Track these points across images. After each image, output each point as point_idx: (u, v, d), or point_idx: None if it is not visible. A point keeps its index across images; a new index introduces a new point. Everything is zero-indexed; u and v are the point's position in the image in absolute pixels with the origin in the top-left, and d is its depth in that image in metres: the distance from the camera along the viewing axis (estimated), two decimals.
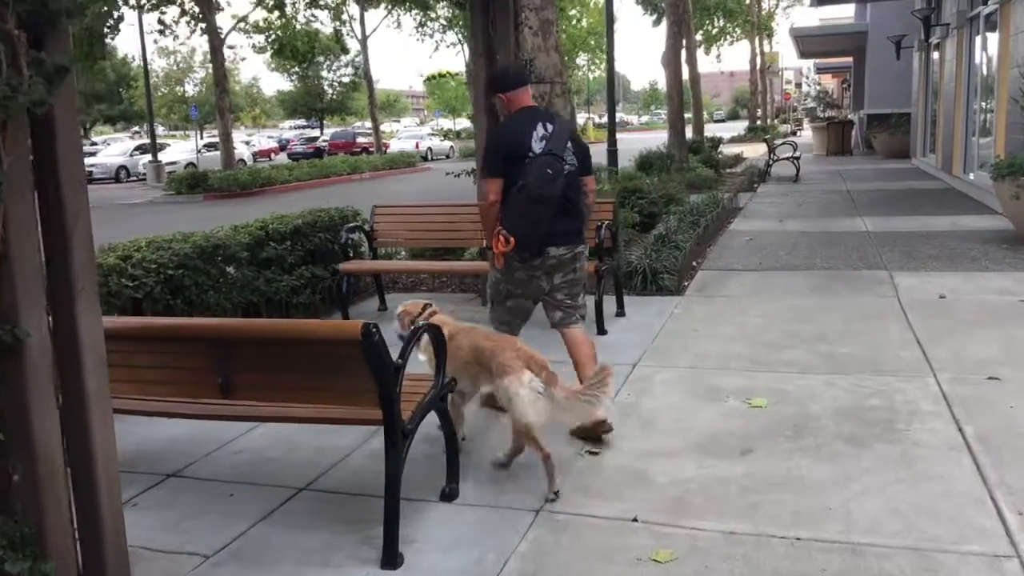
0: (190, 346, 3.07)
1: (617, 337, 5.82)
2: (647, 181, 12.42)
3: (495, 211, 3.91)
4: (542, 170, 3.81)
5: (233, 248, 5.88)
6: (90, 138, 52.02)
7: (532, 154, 3.86)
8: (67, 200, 2.60)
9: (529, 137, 3.89)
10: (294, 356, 2.96)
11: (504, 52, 6.52)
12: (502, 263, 3.98)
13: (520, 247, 3.87)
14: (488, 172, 3.99)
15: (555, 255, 4.04)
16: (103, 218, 18.58)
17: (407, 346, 3.10)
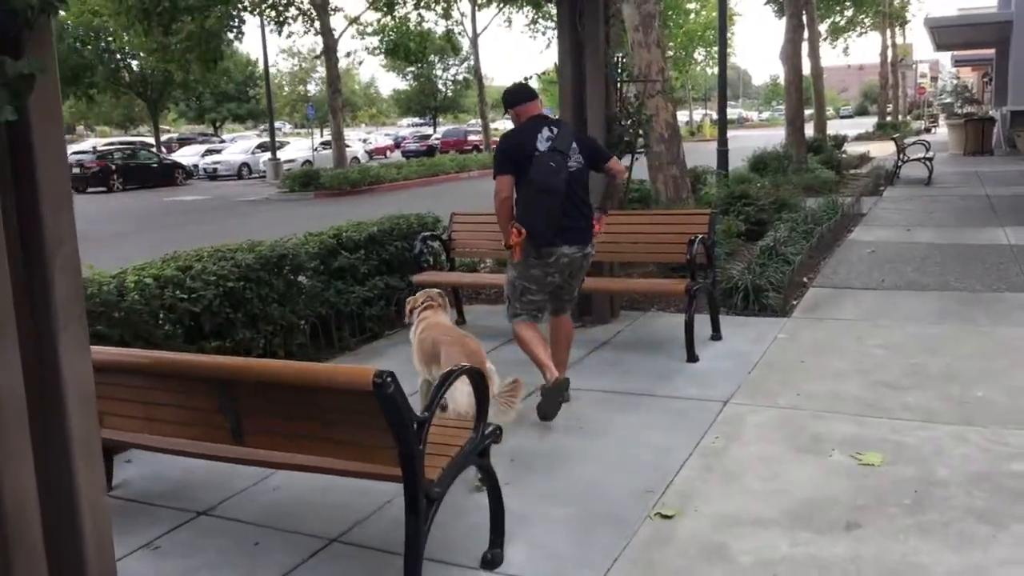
0: (196, 385, 2.73)
1: (709, 366, 5.20)
2: (758, 185, 11.57)
3: (507, 207, 4.24)
4: (546, 164, 4.15)
5: (301, 258, 5.61)
6: (220, 136, 54.52)
7: (537, 152, 4.18)
8: (47, 222, 2.29)
9: (534, 138, 4.23)
10: (300, 403, 2.57)
11: (592, 48, 6.01)
12: (519, 254, 4.27)
13: (532, 237, 4.18)
14: (497, 171, 4.28)
15: (568, 254, 4.32)
16: (217, 215, 19.19)
17: (436, 395, 2.65)
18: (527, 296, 4.44)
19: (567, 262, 4.35)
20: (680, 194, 9.07)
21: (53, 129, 2.30)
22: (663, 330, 6.15)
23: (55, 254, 2.33)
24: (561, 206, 4.18)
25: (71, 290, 2.37)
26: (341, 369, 2.41)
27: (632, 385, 4.89)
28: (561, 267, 4.36)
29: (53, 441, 2.38)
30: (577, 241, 4.34)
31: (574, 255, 4.36)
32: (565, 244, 4.28)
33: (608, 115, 6.19)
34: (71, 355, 2.37)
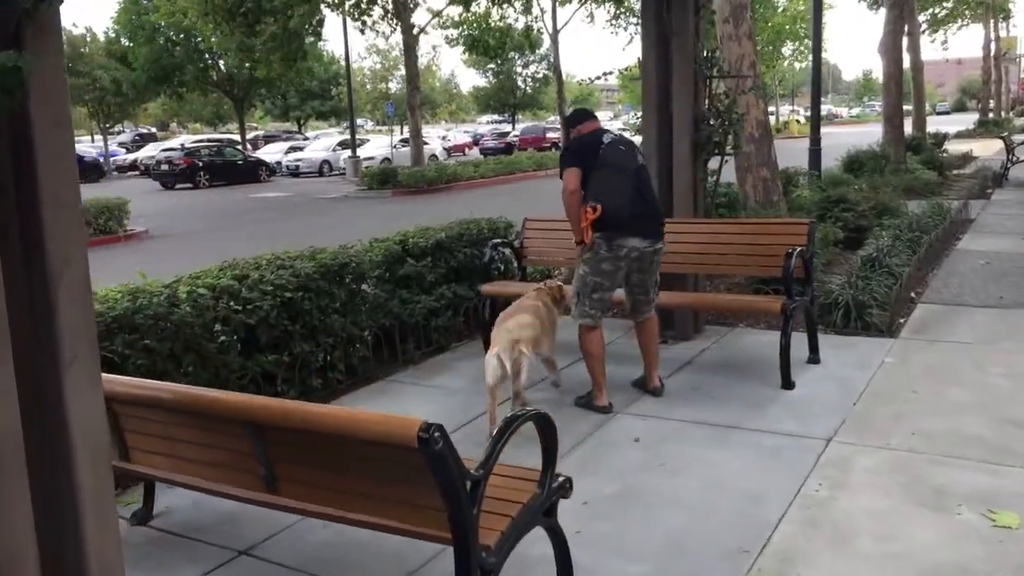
0: (225, 426, 2.40)
1: (807, 393, 4.67)
2: (855, 187, 10.79)
3: (576, 201, 4.28)
4: (616, 148, 4.32)
5: (364, 266, 5.31)
6: (303, 133, 55.55)
7: (604, 144, 4.32)
8: (49, 239, 1.99)
9: (599, 137, 4.39)
10: (338, 453, 2.22)
11: (680, 41, 5.52)
12: (590, 237, 4.27)
13: (606, 216, 4.19)
14: (565, 165, 4.34)
15: (638, 247, 4.36)
16: (296, 213, 19.29)
17: (494, 448, 2.26)
18: (598, 293, 4.45)
19: (637, 256, 4.39)
20: (770, 197, 8.46)
21: (60, 135, 2.00)
22: (752, 349, 5.61)
23: (60, 276, 2.03)
24: (633, 191, 4.27)
25: (80, 317, 2.07)
26: (383, 419, 2.04)
27: (719, 415, 4.40)
28: (632, 261, 4.40)
29: (58, 494, 2.09)
30: (649, 235, 4.38)
31: (644, 249, 4.39)
32: (636, 236, 4.33)
33: (696, 113, 5.68)
34: (79, 393, 2.07)
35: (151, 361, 3.99)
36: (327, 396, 5.00)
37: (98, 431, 2.13)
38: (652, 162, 5.76)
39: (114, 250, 14.19)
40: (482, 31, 28.13)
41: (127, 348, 3.88)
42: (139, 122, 59.93)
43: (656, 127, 5.70)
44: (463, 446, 4.19)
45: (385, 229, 6.28)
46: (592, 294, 4.46)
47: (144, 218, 17.14)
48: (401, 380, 5.34)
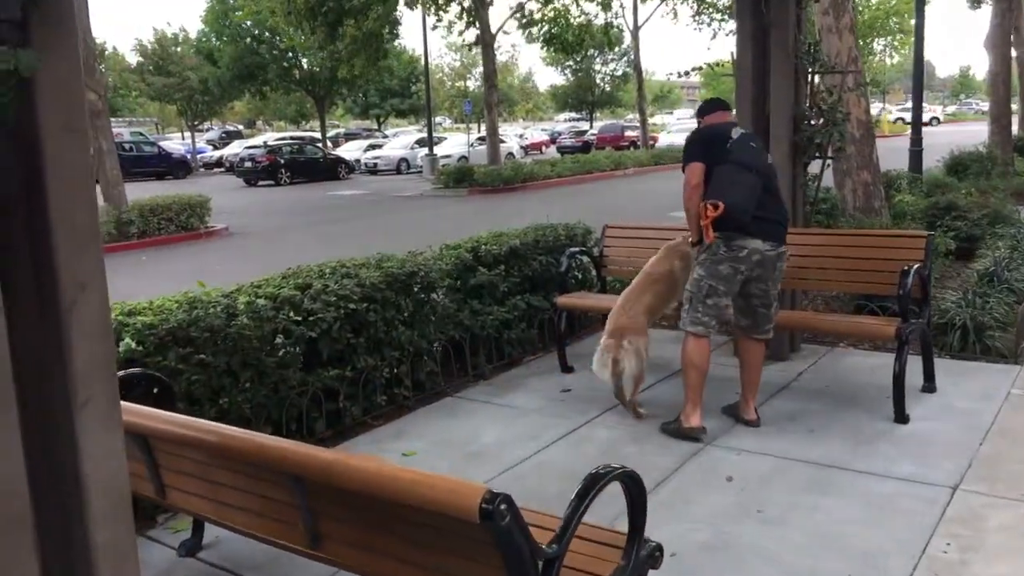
0: (270, 475, 2.11)
1: (924, 429, 4.14)
2: (963, 191, 9.98)
3: (697, 196, 4.03)
4: (746, 144, 4.04)
5: (433, 275, 5.00)
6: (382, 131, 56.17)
7: (732, 139, 4.05)
8: (61, 263, 1.72)
9: (728, 132, 4.12)
10: (388, 517, 1.88)
11: (780, 33, 5.04)
12: (711, 235, 3.95)
13: (727, 215, 3.88)
14: (689, 159, 4.11)
15: (760, 250, 4.04)
16: (372, 211, 19.29)
17: (573, 517, 1.89)
18: (712, 299, 4.11)
19: (759, 259, 4.06)
20: (872, 203, 7.83)
21: (73, 142, 1.72)
22: (855, 373, 5.09)
23: (74, 305, 1.75)
24: (759, 187, 3.97)
25: (96, 352, 1.80)
26: (438, 484, 1.70)
27: (822, 452, 3.92)
28: (753, 264, 4.06)
29: (72, 552, 1.82)
30: (772, 237, 4.07)
31: (767, 252, 4.06)
32: (758, 238, 4.02)
33: (796, 112, 5.18)
34: (94, 438, 1.80)
35: (206, 376, 3.77)
36: (393, 413, 4.73)
37: (117, 481, 1.86)
38: None
39: (194, 247, 14.38)
40: (561, 28, 27.68)
41: (180, 363, 3.65)
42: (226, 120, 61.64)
43: (752, 129, 5.20)
44: (535, 479, 3.88)
45: (460, 229, 5.99)
46: (706, 299, 4.12)
47: (225, 215, 17.36)
48: (471, 397, 5.02)
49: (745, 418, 4.29)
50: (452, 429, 4.53)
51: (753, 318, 4.26)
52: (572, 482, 3.52)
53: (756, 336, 4.29)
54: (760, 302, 4.21)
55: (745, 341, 4.33)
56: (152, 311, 3.75)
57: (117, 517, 1.87)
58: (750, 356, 4.32)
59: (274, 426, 4.11)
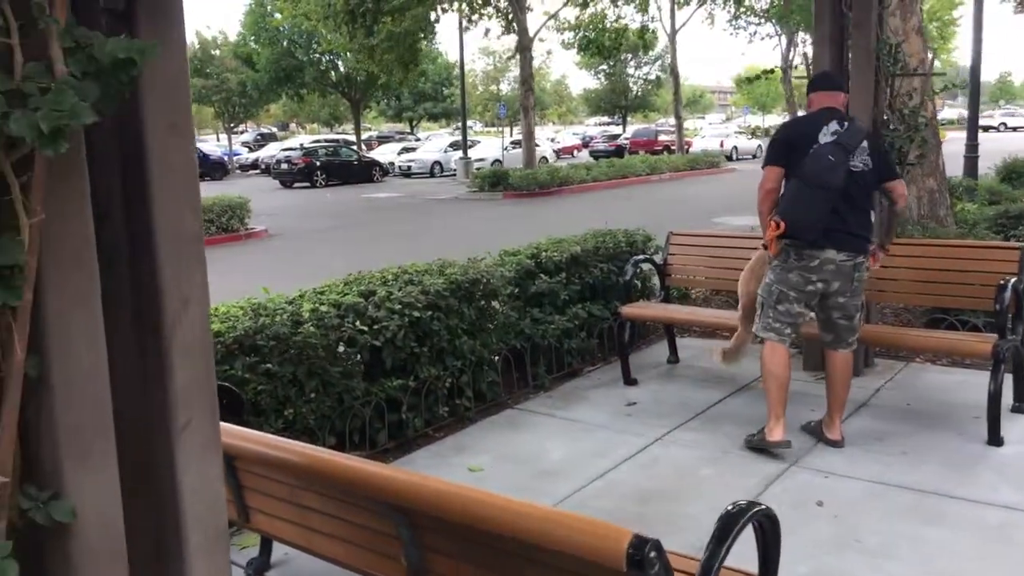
0: (366, 502, 1.95)
1: (1020, 453, 3.90)
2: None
3: (771, 200, 3.89)
4: (823, 156, 3.76)
5: (495, 282, 4.85)
6: (415, 134, 56.32)
7: (817, 144, 3.80)
8: (165, 275, 1.58)
9: (818, 130, 3.84)
10: (509, 555, 1.72)
11: (861, 34, 4.82)
12: (775, 250, 3.88)
13: (791, 232, 3.77)
14: (767, 161, 3.95)
15: (835, 260, 3.85)
16: (409, 214, 19.24)
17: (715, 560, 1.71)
18: (783, 304, 3.97)
19: (834, 269, 3.86)
20: (937, 211, 7.56)
21: (179, 144, 1.58)
22: (936, 390, 4.85)
23: (177, 321, 1.61)
24: (833, 205, 3.76)
25: (197, 372, 1.65)
26: (581, 525, 1.53)
27: (916, 477, 3.70)
28: (827, 274, 3.87)
29: None
30: (847, 247, 3.86)
31: (843, 262, 3.86)
32: (832, 248, 3.83)
33: (875, 117, 4.95)
34: (193, 466, 1.66)
35: (272, 386, 3.64)
36: (454, 425, 4.57)
37: (216, 511, 1.71)
38: None
39: (235, 248, 14.38)
40: (598, 32, 27.50)
41: (247, 372, 3.53)
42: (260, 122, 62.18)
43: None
44: (609, 500, 3.69)
45: (500, 233, 5.86)
46: (777, 305, 3.99)
47: (264, 216, 17.40)
48: (534, 409, 4.85)
49: (829, 437, 4.07)
50: (516, 443, 4.36)
51: (835, 331, 4.07)
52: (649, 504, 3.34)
53: (840, 349, 4.07)
54: (841, 314, 4.01)
55: (831, 354, 4.11)
56: (218, 318, 3.64)
57: (215, 550, 1.72)
58: (835, 369, 4.09)
59: (337, 437, 3.98)
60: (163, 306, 1.58)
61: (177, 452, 1.64)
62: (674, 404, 4.82)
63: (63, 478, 1.45)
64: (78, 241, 1.41)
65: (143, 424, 1.64)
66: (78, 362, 1.43)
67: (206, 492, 1.69)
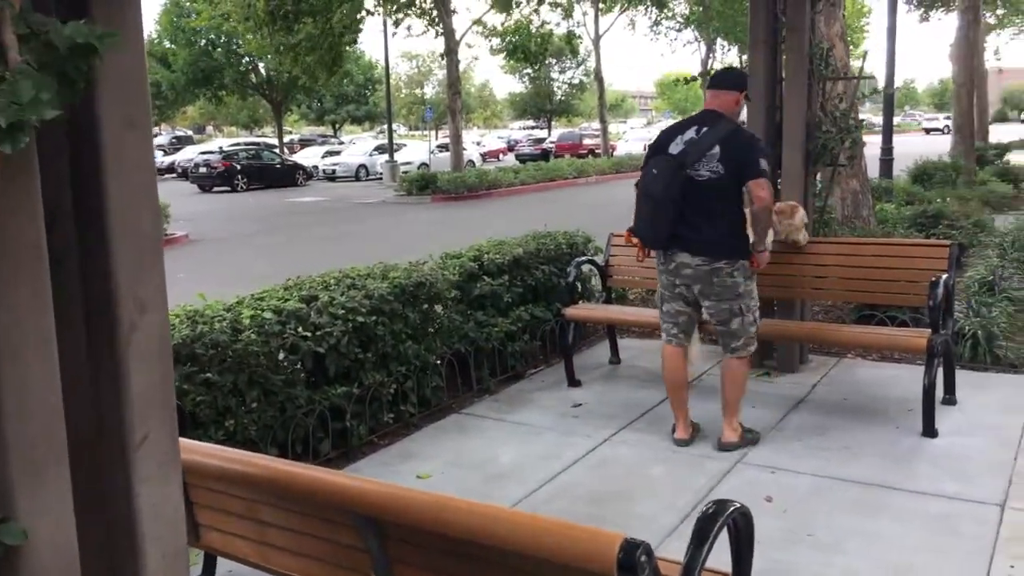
0: (330, 513, 1.87)
1: (954, 444, 4.04)
2: (939, 200, 10.09)
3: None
4: (650, 170, 3.96)
5: (439, 285, 4.77)
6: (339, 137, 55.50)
7: (663, 155, 3.96)
8: (120, 279, 1.46)
9: (672, 140, 3.98)
10: (487, 564, 1.66)
11: (796, 39, 4.94)
12: (640, 256, 4.21)
13: (639, 239, 4.09)
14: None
15: (688, 264, 3.95)
16: (337, 218, 18.89)
17: (696, 562, 1.69)
18: (666, 305, 4.18)
19: (691, 273, 3.96)
20: (860, 211, 7.82)
21: (137, 141, 1.47)
22: (871, 385, 4.99)
23: (133, 328, 1.50)
24: (666, 214, 3.89)
25: (155, 382, 1.55)
26: (566, 530, 1.48)
27: (858, 470, 3.79)
28: (686, 278, 3.98)
29: None
30: (701, 252, 3.92)
31: (698, 267, 3.93)
32: (685, 252, 3.95)
33: (808, 119, 5.08)
34: (151, 483, 1.55)
35: (212, 396, 3.48)
36: (399, 431, 4.48)
37: (175, 531, 1.61)
38: None
39: None
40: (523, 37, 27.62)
41: (186, 382, 3.37)
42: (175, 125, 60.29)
43: (764, 137, 5.09)
44: (563, 503, 3.65)
45: (430, 237, 5.81)
46: (663, 305, 4.21)
47: (183, 222, 16.85)
48: (480, 413, 4.79)
49: (719, 439, 4.12)
50: (465, 448, 4.29)
51: (718, 336, 4.15)
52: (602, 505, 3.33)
53: (726, 353, 4.11)
54: (715, 320, 4.05)
55: (724, 359, 4.16)
56: None
57: (173, 570, 1.61)
58: (722, 373, 4.17)
59: (279, 448, 3.84)
60: (118, 311, 1.47)
61: (134, 468, 1.53)
62: (619, 404, 4.83)
63: (14, 497, 1.34)
64: (28, 243, 1.29)
65: (98, 438, 1.52)
66: (28, 372, 1.31)
67: (165, 509, 1.58)
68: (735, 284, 3.93)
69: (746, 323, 4.00)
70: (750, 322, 4.01)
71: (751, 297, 4.01)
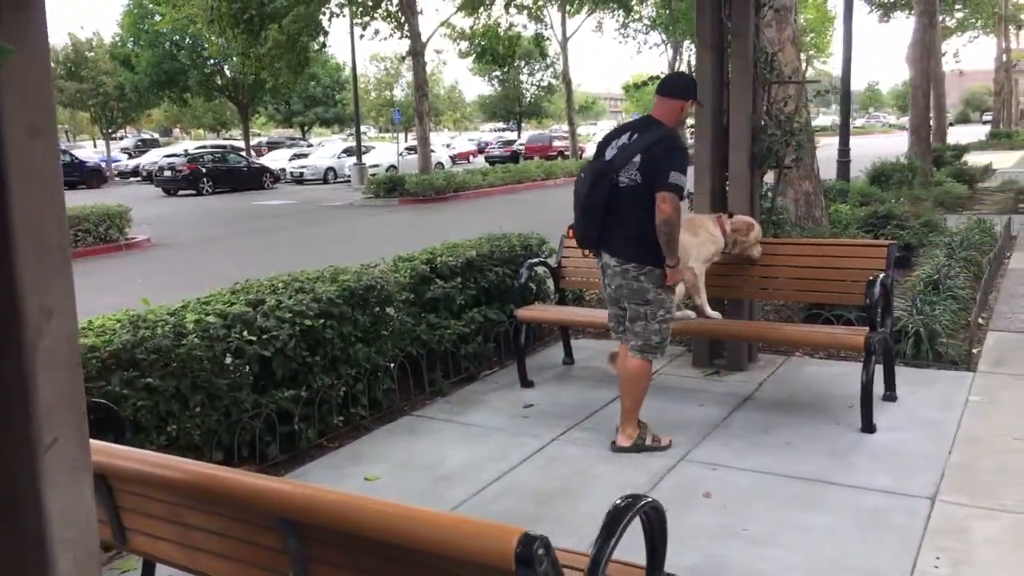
0: (249, 515, 1.89)
1: (892, 440, 4.14)
2: (892, 201, 10.29)
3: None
4: (580, 173, 4.12)
5: (390, 288, 4.79)
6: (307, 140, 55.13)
7: (599, 159, 4.07)
8: (25, 285, 1.48)
9: (608, 144, 4.08)
10: (399, 563, 1.69)
11: (740, 43, 5.02)
12: (583, 253, 4.28)
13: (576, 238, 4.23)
14: None
15: (610, 263, 4.09)
16: (303, 220, 18.78)
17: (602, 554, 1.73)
18: (608, 304, 4.29)
19: (611, 272, 4.09)
20: (812, 212, 7.96)
21: (41, 147, 1.49)
22: (815, 383, 5.09)
23: (40, 334, 1.51)
24: (591, 216, 4.01)
25: (63, 387, 1.56)
26: (467, 526, 1.52)
27: (798, 466, 3.87)
28: (609, 276, 4.13)
29: None
30: (617, 253, 4.03)
31: (615, 266, 4.05)
32: (607, 252, 4.09)
33: (754, 122, 5.17)
34: (60, 487, 1.56)
35: (154, 401, 3.48)
36: (350, 434, 4.49)
37: (86, 536, 1.61)
38: (705, 178, 5.27)
39: (115, 259, 13.69)
40: (491, 40, 27.67)
41: (126, 387, 3.36)
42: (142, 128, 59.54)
43: (711, 139, 5.19)
44: (509, 502, 3.69)
45: (396, 239, 5.84)
46: (609, 306, 4.31)
47: (146, 225, 16.66)
48: (431, 415, 4.82)
49: (612, 441, 4.18)
50: (415, 450, 4.32)
51: (627, 331, 4.13)
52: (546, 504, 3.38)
53: (629, 351, 4.10)
54: (628, 316, 4.08)
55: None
56: (93, 332, 3.45)
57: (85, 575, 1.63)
58: (621, 370, 4.18)
59: (225, 452, 3.85)
60: (24, 318, 1.49)
61: (42, 473, 1.54)
62: (570, 405, 4.88)
63: None
64: None
65: (7, 444, 1.53)
66: None
67: (75, 515, 1.59)
68: (642, 289, 3.97)
69: (649, 329, 4.01)
70: (654, 330, 4.00)
71: (660, 306, 3.99)
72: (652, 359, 4.11)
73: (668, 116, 4.01)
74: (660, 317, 4.01)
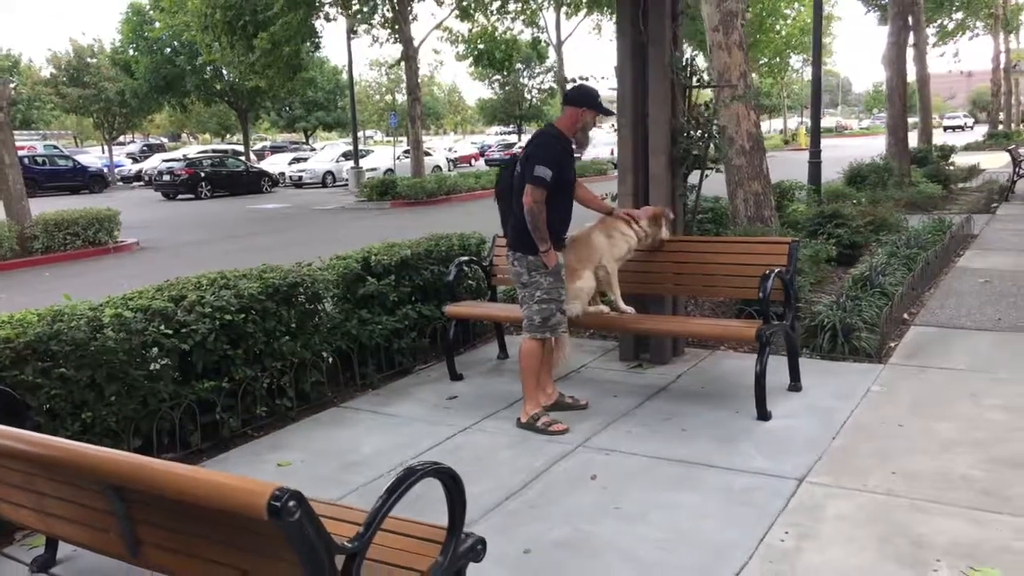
0: (85, 482, 2.11)
1: (783, 426, 4.33)
2: (852, 201, 10.47)
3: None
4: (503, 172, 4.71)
5: (318, 286, 5.01)
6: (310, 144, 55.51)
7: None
8: None
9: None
10: (194, 519, 1.91)
11: (656, 50, 5.22)
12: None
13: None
14: None
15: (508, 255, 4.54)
16: (290, 224, 19.05)
17: (377, 514, 1.94)
18: None
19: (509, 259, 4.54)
20: (762, 212, 8.14)
21: None
22: (732, 375, 5.29)
23: None
24: (501, 212, 4.60)
25: None
26: (232, 483, 1.73)
27: (687, 450, 4.07)
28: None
29: None
30: (508, 242, 4.52)
31: (507, 255, 4.52)
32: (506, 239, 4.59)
33: (673, 126, 5.37)
34: None
35: (67, 391, 3.70)
36: (274, 424, 4.72)
37: None
38: (628, 178, 5.48)
39: (102, 262, 13.98)
40: (488, 44, 27.93)
41: (40, 376, 3.59)
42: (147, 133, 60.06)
43: (632, 142, 5.40)
44: None
45: (379, 240, 6.05)
46: None
47: (138, 229, 16.97)
48: (356, 407, 5.04)
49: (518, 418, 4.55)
50: (334, 439, 4.53)
51: None
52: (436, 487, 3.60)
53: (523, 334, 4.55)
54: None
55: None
56: (11, 324, 3.68)
57: None
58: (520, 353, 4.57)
59: (145, 439, 4.07)
60: None
61: None
62: (492, 396, 5.09)
63: None
64: None
65: None
66: None
67: None
68: (518, 274, 4.41)
69: (532, 311, 4.40)
70: (534, 311, 4.39)
71: (538, 288, 4.36)
72: (540, 338, 4.42)
73: (565, 122, 4.39)
74: (537, 298, 4.36)
